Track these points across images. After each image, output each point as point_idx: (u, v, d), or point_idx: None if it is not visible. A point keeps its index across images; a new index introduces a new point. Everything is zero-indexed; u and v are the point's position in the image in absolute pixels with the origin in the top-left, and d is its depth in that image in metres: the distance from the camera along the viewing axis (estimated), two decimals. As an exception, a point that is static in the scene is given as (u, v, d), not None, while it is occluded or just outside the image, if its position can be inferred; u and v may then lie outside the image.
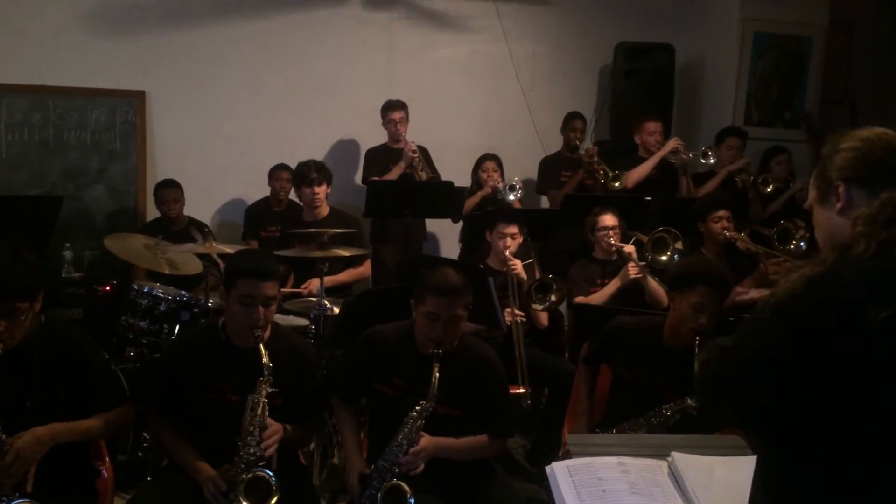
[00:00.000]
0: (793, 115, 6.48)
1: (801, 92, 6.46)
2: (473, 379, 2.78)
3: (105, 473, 2.71)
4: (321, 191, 4.52)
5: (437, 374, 2.60)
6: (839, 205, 1.51)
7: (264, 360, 2.54)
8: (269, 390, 2.55)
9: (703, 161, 5.48)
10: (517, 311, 3.99)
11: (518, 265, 4.08)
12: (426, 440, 2.66)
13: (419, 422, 2.63)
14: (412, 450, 2.62)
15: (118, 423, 2.65)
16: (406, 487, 2.56)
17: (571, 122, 5.85)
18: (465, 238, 5.47)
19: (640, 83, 6.13)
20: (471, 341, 2.87)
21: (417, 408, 2.63)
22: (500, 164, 5.43)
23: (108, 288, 4.62)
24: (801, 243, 4.49)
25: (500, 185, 5.25)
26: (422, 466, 2.63)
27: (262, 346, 2.58)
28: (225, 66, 5.75)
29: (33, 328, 2.48)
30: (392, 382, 2.79)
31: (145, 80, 5.61)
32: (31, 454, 2.35)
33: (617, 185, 5.28)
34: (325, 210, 4.60)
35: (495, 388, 2.83)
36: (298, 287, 4.35)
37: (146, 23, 5.58)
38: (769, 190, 5.43)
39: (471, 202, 5.27)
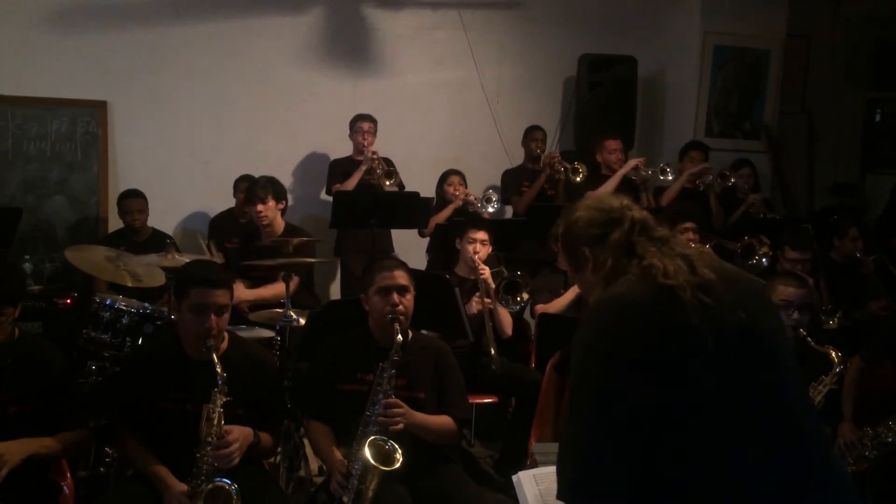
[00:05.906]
0: (752, 127, 6.60)
1: (760, 103, 6.59)
2: (430, 362, 2.97)
3: (66, 490, 2.67)
4: (265, 209, 4.41)
5: (400, 338, 2.76)
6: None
7: (218, 369, 2.54)
8: (225, 399, 2.54)
9: (661, 178, 5.51)
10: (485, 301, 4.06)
11: (487, 271, 4.11)
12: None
13: (386, 374, 2.73)
14: (385, 401, 2.70)
15: (77, 444, 2.65)
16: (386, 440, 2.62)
17: (531, 133, 5.92)
18: (433, 250, 5.47)
19: (604, 95, 6.20)
20: (424, 336, 3.11)
21: (382, 364, 2.75)
22: (464, 179, 5.47)
23: (68, 301, 4.52)
24: (763, 260, 4.60)
25: (474, 198, 5.27)
26: (400, 424, 2.69)
27: (215, 356, 2.57)
28: (188, 76, 5.69)
29: (7, 337, 2.50)
30: (356, 378, 2.87)
31: (107, 90, 5.53)
32: (10, 457, 2.37)
33: (578, 179, 5.36)
34: (279, 227, 4.50)
35: (451, 370, 3.00)
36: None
37: (108, 32, 5.51)
38: (730, 183, 5.49)
39: (442, 215, 5.27)
